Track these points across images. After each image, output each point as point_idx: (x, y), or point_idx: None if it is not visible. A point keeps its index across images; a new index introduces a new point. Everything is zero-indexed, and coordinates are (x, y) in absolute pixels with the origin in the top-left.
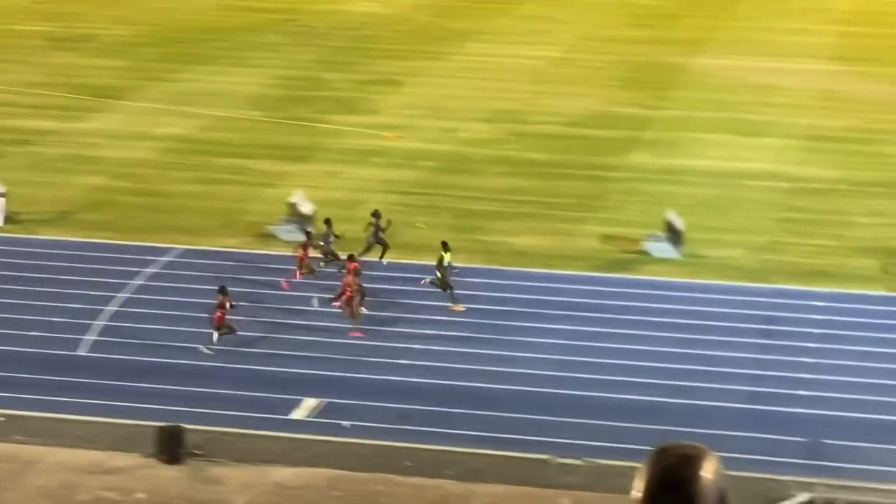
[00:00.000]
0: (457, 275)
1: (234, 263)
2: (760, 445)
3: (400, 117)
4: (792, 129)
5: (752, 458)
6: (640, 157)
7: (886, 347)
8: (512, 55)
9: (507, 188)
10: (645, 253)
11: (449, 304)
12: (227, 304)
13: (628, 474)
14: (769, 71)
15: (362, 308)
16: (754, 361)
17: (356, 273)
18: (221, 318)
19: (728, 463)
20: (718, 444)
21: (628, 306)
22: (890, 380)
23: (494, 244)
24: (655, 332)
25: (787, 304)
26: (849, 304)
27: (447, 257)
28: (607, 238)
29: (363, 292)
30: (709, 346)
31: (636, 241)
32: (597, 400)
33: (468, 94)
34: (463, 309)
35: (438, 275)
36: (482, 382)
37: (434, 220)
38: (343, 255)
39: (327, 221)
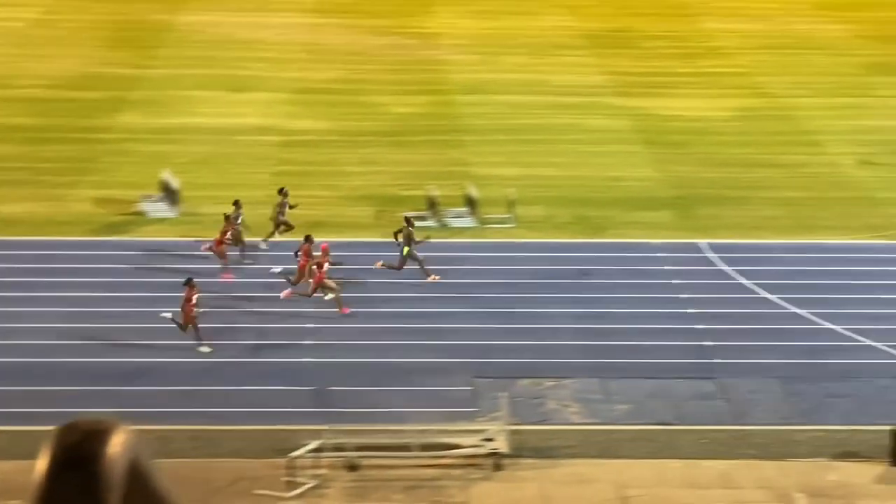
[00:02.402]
0: None
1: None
2: (269, 397)
3: None
4: (280, 82)
5: (262, 412)
6: (130, 118)
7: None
8: None
9: None
10: (141, 214)
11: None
12: (194, 297)
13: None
14: (254, 26)
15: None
16: (258, 315)
17: (325, 253)
18: (189, 312)
19: (239, 417)
20: (228, 399)
21: (127, 269)
22: (396, 323)
23: None
24: (156, 292)
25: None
26: (350, 251)
27: (413, 232)
28: (101, 201)
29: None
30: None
31: (131, 202)
32: (114, 366)
33: None
34: (438, 279)
35: (405, 249)
36: None
37: None
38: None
39: (236, 203)
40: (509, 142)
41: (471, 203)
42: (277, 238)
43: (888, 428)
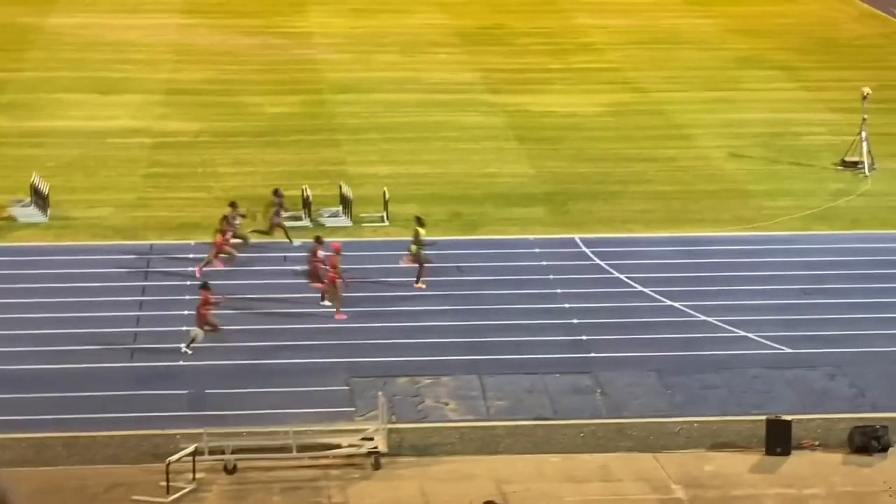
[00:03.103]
0: None
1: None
2: (144, 402)
3: None
4: (150, 84)
5: (137, 416)
6: None
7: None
8: None
9: None
10: (11, 219)
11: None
12: (212, 300)
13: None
14: (124, 27)
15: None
16: (133, 319)
17: (337, 252)
18: (206, 315)
19: (112, 424)
20: (104, 406)
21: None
22: (270, 325)
23: None
24: (29, 298)
25: (161, 258)
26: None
27: (422, 232)
28: None
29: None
30: (87, 308)
31: (1, 207)
32: None
33: None
34: (424, 287)
35: (413, 248)
36: None
37: None
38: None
39: (233, 204)
40: (383, 140)
41: (345, 202)
42: (272, 239)
43: (762, 417)
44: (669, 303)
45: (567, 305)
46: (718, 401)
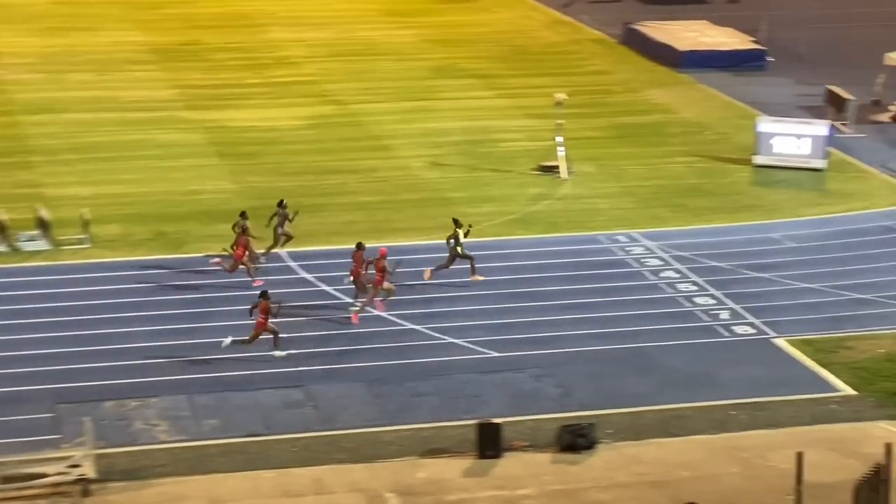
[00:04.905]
0: None
1: None
2: None
3: None
4: None
5: None
6: None
7: None
8: None
9: None
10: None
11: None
12: (271, 309)
13: None
14: None
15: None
16: None
17: (383, 257)
18: (264, 324)
19: None
20: None
21: None
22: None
23: None
24: None
25: None
26: None
27: (460, 232)
28: None
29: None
30: None
31: None
32: None
33: None
34: (482, 279)
35: (459, 249)
36: None
37: None
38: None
39: (243, 214)
40: (81, 160)
41: (43, 225)
42: (278, 250)
43: (473, 422)
44: (378, 313)
45: (277, 320)
46: (430, 408)
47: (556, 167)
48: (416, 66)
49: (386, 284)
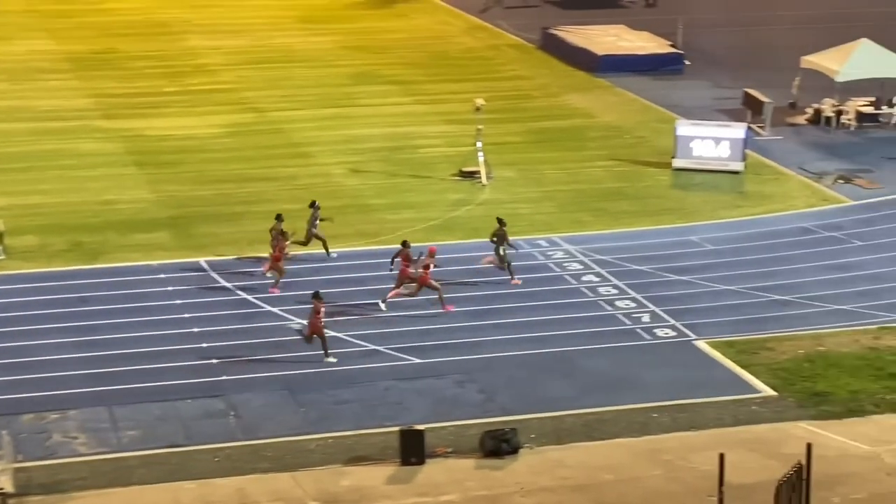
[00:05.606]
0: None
1: None
2: None
3: None
4: None
5: None
6: None
7: None
8: None
9: None
10: None
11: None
12: (322, 310)
13: None
14: None
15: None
16: None
17: (432, 255)
18: (317, 325)
19: None
20: None
21: None
22: None
23: None
24: None
25: None
26: None
27: (506, 231)
28: None
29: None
30: None
31: None
32: None
33: None
34: (519, 282)
35: (501, 251)
36: None
37: None
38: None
39: (279, 217)
40: None
41: None
42: (307, 250)
43: (396, 428)
44: (298, 321)
45: (196, 329)
46: (352, 415)
47: (477, 172)
48: (334, 72)
49: (433, 283)
